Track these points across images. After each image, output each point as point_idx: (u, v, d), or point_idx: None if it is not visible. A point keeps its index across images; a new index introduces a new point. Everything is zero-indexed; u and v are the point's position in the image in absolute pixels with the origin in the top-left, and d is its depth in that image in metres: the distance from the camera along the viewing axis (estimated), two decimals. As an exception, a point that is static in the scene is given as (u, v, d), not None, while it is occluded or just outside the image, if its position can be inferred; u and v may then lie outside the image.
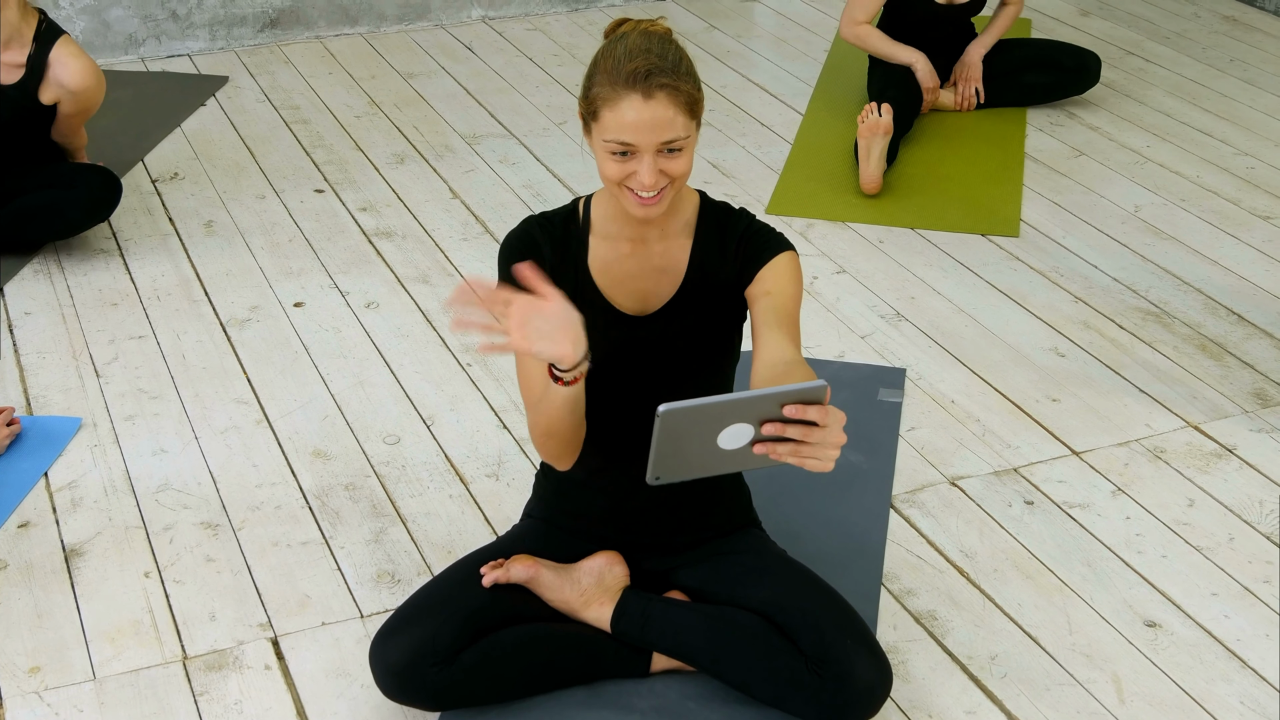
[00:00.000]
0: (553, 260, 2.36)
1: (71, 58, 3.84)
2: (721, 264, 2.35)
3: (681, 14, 5.97)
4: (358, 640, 2.64)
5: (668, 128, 2.15)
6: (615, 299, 2.37)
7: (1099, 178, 4.51)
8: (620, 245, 2.37)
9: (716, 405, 1.81)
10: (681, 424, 1.82)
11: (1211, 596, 2.76)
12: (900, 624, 2.69)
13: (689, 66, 2.20)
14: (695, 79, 2.20)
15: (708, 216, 2.37)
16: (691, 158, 2.22)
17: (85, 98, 3.90)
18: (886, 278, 3.91)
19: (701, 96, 2.21)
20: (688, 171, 2.22)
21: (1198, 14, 5.98)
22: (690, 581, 2.52)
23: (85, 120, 4.03)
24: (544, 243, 2.37)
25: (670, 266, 2.36)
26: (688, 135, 2.18)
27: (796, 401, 1.84)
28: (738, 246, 2.34)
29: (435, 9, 5.83)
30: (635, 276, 2.37)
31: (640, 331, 2.37)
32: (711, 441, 1.86)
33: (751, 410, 1.84)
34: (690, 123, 2.18)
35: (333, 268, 3.95)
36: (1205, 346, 3.59)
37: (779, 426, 1.86)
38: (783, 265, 2.31)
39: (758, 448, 1.88)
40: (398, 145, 4.72)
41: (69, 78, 3.83)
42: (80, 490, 3.05)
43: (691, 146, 2.21)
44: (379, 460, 3.15)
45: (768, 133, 4.84)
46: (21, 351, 3.55)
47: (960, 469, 3.13)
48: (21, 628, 2.67)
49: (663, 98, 2.13)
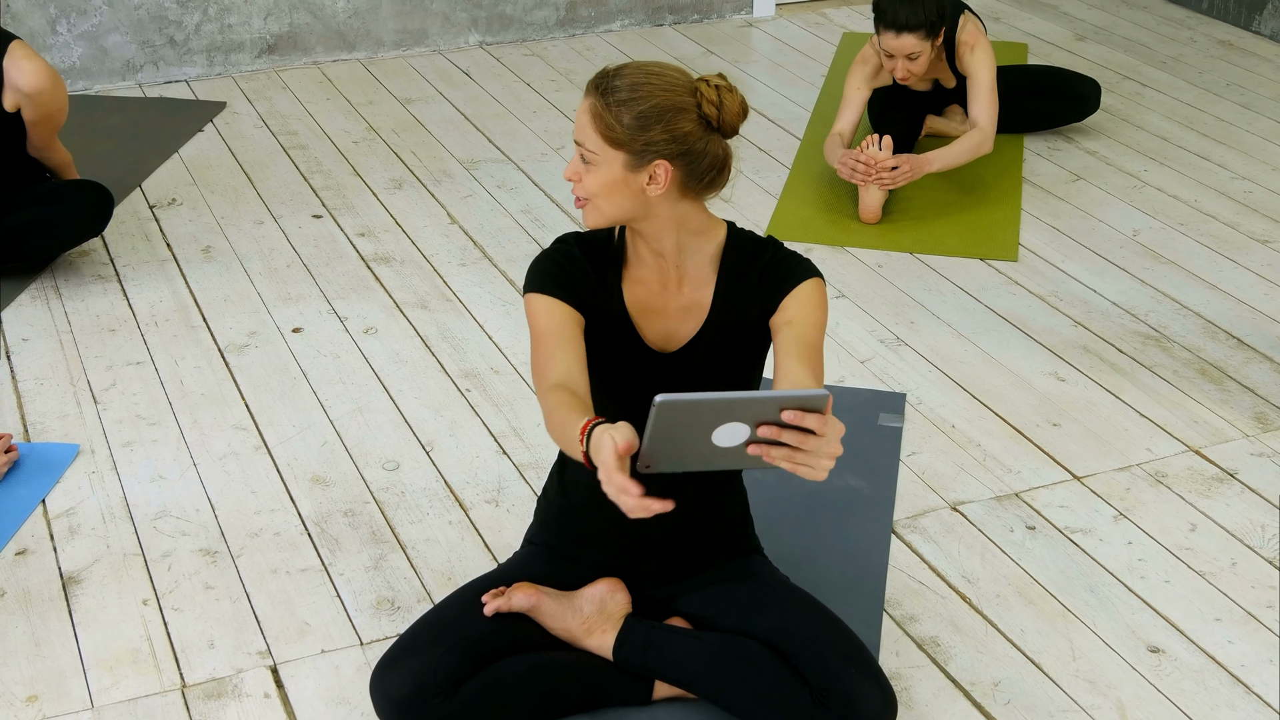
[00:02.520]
0: (594, 275, 2.33)
1: (24, 59, 3.75)
2: (746, 298, 2.33)
3: (678, 39, 5.98)
4: (357, 668, 2.62)
5: (581, 130, 2.23)
6: (647, 335, 2.36)
7: (1097, 202, 4.52)
8: (649, 282, 2.35)
9: (714, 402, 1.80)
10: (677, 417, 1.80)
11: (1215, 622, 2.75)
12: (903, 650, 2.67)
13: (650, 115, 2.16)
14: (642, 119, 2.16)
15: (734, 250, 2.34)
16: (602, 184, 2.21)
17: (43, 101, 3.79)
18: (886, 303, 3.91)
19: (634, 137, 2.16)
20: (596, 194, 2.22)
21: (1194, 38, 6.00)
22: (692, 609, 2.51)
23: (54, 130, 3.93)
24: (588, 264, 2.34)
25: (695, 305, 2.35)
26: (596, 152, 2.20)
27: (797, 408, 1.83)
28: (761, 278, 2.31)
29: (433, 35, 5.84)
30: (662, 313, 2.35)
31: (661, 367, 2.36)
32: (706, 437, 1.85)
33: (749, 411, 1.83)
34: (602, 144, 2.19)
35: (331, 293, 3.95)
36: (1205, 371, 3.59)
37: (775, 430, 1.85)
38: (806, 293, 2.28)
39: (752, 449, 1.86)
40: (395, 170, 4.72)
41: (23, 81, 3.74)
42: (78, 517, 3.04)
43: (605, 171, 2.21)
44: (378, 486, 3.14)
45: (765, 158, 4.84)
46: (19, 378, 3.54)
47: (961, 494, 3.12)
48: (19, 656, 2.65)
49: (588, 102, 2.22)
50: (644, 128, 2.17)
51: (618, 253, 2.35)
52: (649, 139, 2.17)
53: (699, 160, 2.21)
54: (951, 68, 4.58)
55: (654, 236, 2.29)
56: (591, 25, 6.06)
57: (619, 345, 2.35)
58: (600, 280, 2.34)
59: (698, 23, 6.19)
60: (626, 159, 2.19)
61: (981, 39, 4.44)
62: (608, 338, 2.35)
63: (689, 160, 2.20)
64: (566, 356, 2.22)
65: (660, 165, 2.19)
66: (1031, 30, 6.10)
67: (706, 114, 2.19)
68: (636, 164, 2.19)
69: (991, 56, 4.44)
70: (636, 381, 2.36)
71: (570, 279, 2.30)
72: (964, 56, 4.45)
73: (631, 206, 2.24)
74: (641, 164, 2.19)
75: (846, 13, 6.29)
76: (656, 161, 2.19)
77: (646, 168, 2.19)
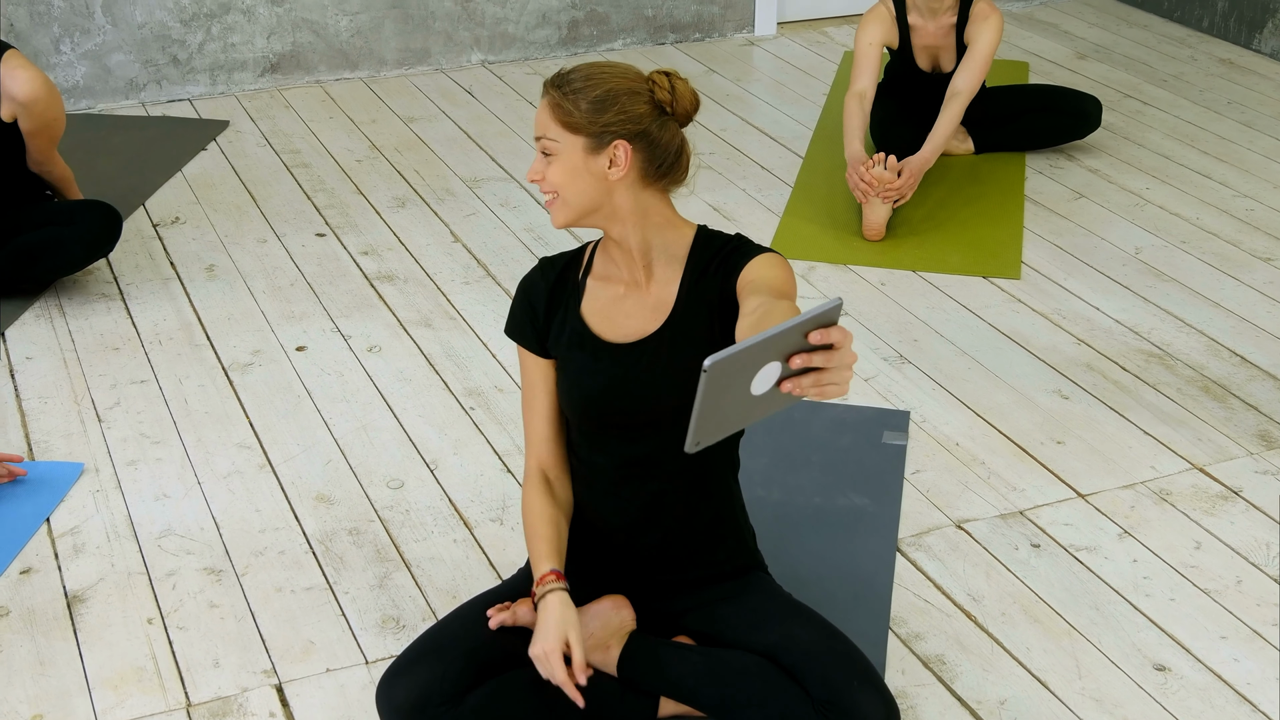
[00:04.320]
0: (547, 299, 2.44)
1: (19, 68, 3.76)
2: (708, 284, 2.36)
3: (681, 58, 5.99)
4: (363, 686, 2.62)
5: (540, 124, 2.30)
6: (606, 335, 2.40)
7: (1099, 220, 4.52)
8: (615, 287, 2.41)
9: (754, 346, 1.77)
10: (725, 376, 1.77)
11: (1220, 640, 2.75)
12: (909, 668, 2.67)
13: (604, 93, 2.26)
14: (597, 102, 2.26)
15: (699, 247, 2.39)
16: (567, 172, 2.28)
17: (39, 110, 3.80)
18: (889, 320, 3.91)
19: (589, 120, 2.26)
20: (564, 184, 2.30)
21: (1194, 57, 6.01)
22: (697, 625, 2.50)
23: (52, 142, 3.94)
24: (541, 284, 2.46)
25: (662, 301, 2.39)
26: (556, 141, 2.28)
27: (819, 326, 1.81)
28: (720, 263, 2.36)
29: (435, 53, 5.85)
30: (630, 315, 2.40)
31: (630, 359, 2.38)
32: (745, 389, 1.82)
33: (782, 345, 1.80)
34: (561, 131, 2.28)
35: (335, 311, 3.95)
36: (1209, 388, 3.59)
37: (805, 357, 1.82)
38: (761, 261, 2.32)
39: (785, 384, 1.84)
40: (399, 189, 4.73)
41: (18, 89, 3.76)
42: (82, 536, 3.03)
43: (566, 159, 2.28)
44: (382, 505, 3.14)
45: (768, 176, 4.85)
46: (23, 396, 3.54)
47: (966, 512, 3.12)
48: (24, 675, 2.65)
49: (545, 98, 2.30)
50: (600, 110, 2.27)
51: (585, 267, 2.45)
52: (605, 121, 2.27)
53: (656, 144, 2.30)
54: (957, 42, 4.62)
55: (620, 232, 2.35)
56: (593, 44, 6.08)
57: (579, 350, 2.41)
58: (559, 293, 2.45)
59: (699, 41, 6.21)
60: (586, 142, 2.28)
61: (996, 14, 4.53)
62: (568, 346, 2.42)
63: (647, 143, 2.29)
64: (537, 419, 2.48)
65: (620, 145, 2.28)
66: (1032, 49, 6.11)
67: (660, 99, 2.30)
68: (596, 146, 2.28)
69: (998, 35, 4.53)
70: (608, 378, 2.38)
71: (530, 313, 2.45)
72: (976, 23, 4.54)
73: (595, 195, 2.30)
74: (601, 146, 2.28)
75: (848, 31, 6.30)
76: (615, 143, 2.27)
77: (606, 150, 2.28)
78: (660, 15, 6.12)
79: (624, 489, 2.45)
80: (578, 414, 2.43)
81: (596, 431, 2.42)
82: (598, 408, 2.39)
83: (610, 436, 2.42)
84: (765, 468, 3.23)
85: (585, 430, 2.44)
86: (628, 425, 2.39)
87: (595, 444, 2.44)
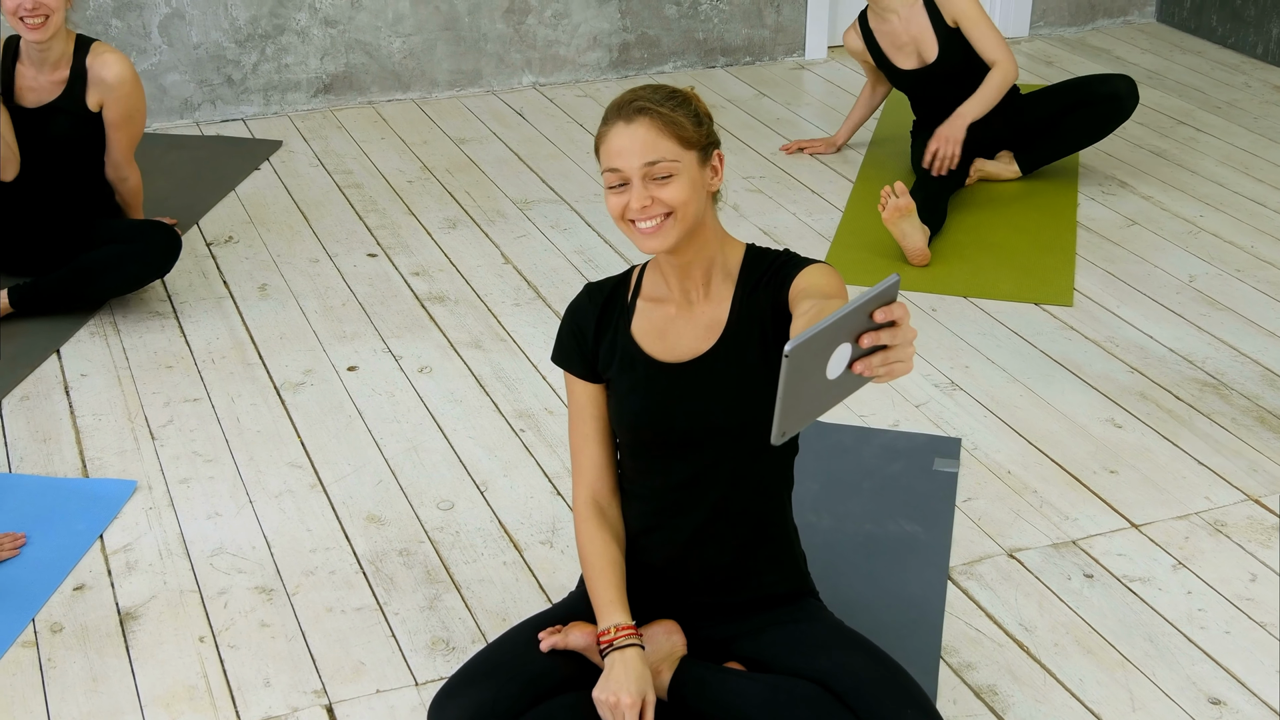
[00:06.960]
0: (596, 322, 2.44)
1: (107, 52, 4.01)
2: (759, 299, 2.36)
3: (731, 81, 6.00)
4: (412, 708, 2.62)
5: (650, 149, 2.25)
6: (659, 355, 2.40)
7: (1152, 247, 4.50)
8: (667, 308, 2.41)
9: (829, 327, 1.77)
10: (804, 360, 1.77)
11: (1276, 674, 2.72)
12: (960, 698, 2.65)
13: (692, 107, 2.30)
14: (694, 115, 2.30)
15: (750, 264, 2.40)
16: (688, 188, 2.27)
17: (124, 93, 4.01)
18: (940, 346, 3.89)
19: (698, 132, 2.29)
20: (686, 201, 2.27)
21: (1248, 84, 5.97)
22: (748, 651, 2.49)
23: (133, 138, 4.10)
24: (590, 308, 2.46)
25: (714, 320, 2.39)
26: (675, 160, 2.27)
27: (882, 304, 1.81)
28: (770, 276, 2.36)
29: (487, 75, 5.88)
30: (682, 334, 2.40)
31: (684, 378, 2.38)
32: (821, 373, 1.81)
33: (852, 325, 1.79)
34: (679, 149, 2.27)
35: (386, 331, 3.97)
36: (1264, 419, 3.56)
37: (874, 335, 1.82)
38: (812, 270, 2.32)
39: (856, 365, 1.83)
40: (450, 210, 4.75)
41: (107, 72, 3.98)
42: (135, 553, 3.05)
43: (686, 175, 2.27)
44: (433, 526, 3.15)
45: (818, 200, 4.84)
46: (78, 413, 3.57)
47: (1018, 541, 3.10)
48: (76, 692, 2.67)
49: (643, 121, 2.26)
50: (700, 122, 2.31)
51: (634, 289, 2.45)
52: (707, 132, 2.32)
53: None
54: (935, 32, 4.68)
55: (697, 247, 2.35)
56: (644, 67, 6.09)
57: (631, 371, 2.41)
58: (607, 317, 2.44)
59: (750, 65, 6.21)
60: (698, 156, 2.30)
61: None
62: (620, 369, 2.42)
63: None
64: (589, 445, 2.48)
65: (718, 155, 2.34)
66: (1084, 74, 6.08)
67: (702, 110, 2.34)
68: (704, 158, 2.32)
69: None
70: (661, 398, 2.38)
71: (577, 338, 2.45)
72: (944, 6, 4.66)
73: (701, 208, 2.32)
74: (706, 159, 2.32)
75: (898, 56, 6.29)
76: (716, 153, 2.34)
77: (710, 161, 2.33)
78: (711, 39, 6.13)
79: (676, 512, 2.44)
80: (631, 435, 2.43)
81: (649, 453, 2.42)
82: (652, 428, 2.39)
83: (663, 456, 2.41)
84: (816, 494, 3.22)
85: (637, 452, 2.44)
86: (682, 444, 2.39)
87: (647, 467, 2.43)
